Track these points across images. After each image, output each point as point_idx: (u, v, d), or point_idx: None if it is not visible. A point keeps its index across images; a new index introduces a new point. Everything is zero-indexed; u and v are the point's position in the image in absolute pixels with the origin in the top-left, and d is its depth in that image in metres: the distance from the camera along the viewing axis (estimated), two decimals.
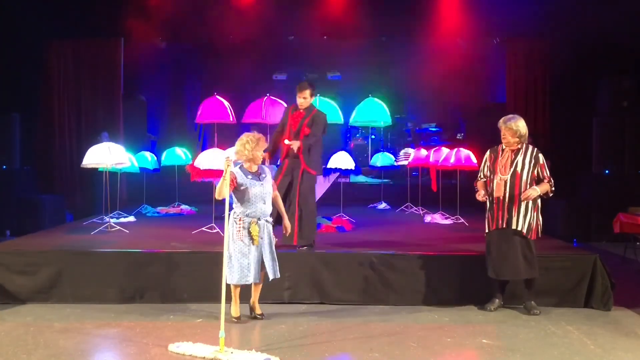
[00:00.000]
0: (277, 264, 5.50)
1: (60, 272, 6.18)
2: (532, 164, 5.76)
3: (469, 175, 10.01)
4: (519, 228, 5.71)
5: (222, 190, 5.12)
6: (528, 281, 5.84)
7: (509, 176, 5.75)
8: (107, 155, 7.76)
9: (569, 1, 10.80)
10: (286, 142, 6.23)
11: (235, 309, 5.53)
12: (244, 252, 5.30)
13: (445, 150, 9.28)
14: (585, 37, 10.65)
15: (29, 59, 11.17)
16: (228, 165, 5.03)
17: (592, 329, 5.42)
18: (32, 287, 6.15)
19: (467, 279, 6.18)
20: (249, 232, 5.28)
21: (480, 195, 5.90)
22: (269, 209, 5.44)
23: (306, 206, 6.53)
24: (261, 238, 5.35)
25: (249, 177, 5.34)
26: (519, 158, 5.78)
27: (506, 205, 5.74)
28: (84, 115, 11.52)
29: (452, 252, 6.45)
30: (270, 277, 5.44)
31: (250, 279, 5.32)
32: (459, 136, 13.88)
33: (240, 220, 5.32)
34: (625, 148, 10.41)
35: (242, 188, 5.30)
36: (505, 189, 5.75)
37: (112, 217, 8.37)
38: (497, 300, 5.95)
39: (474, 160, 8.64)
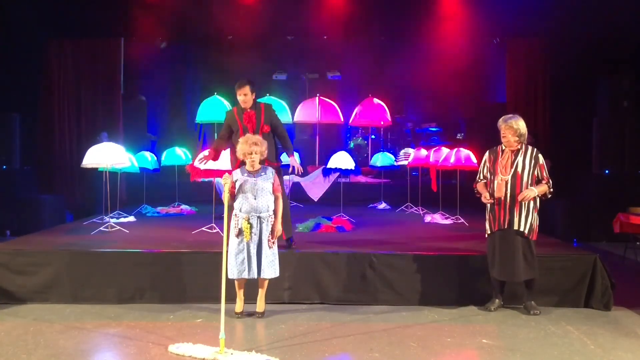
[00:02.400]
0: (272, 263, 5.53)
1: (60, 272, 6.18)
2: (532, 165, 5.76)
3: (469, 175, 10.01)
4: (521, 228, 5.70)
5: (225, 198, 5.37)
6: (528, 281, 5.84)
7: (509, 177, 5.74)
8: (107, 155, 7.76)
9: (569, 1, 10.80)
10: (294, 168, 6.43)
11: (238, 305, 5.65)
12: (240, 247, 5.45)
13: (445, 150, 9.27)
14: (585, 37, 10.65)
15: (29, 59, 11.17)
16: (225, 183, 5.30)
17: (592, 329, 5.42)
18: (32, 287, 6.15)
19: (467, 279, 6.18)
20: (241, 228, 5.43)
21: (487, 198, 5.86)
22: (261, 205, 5.48)
23: (284, 200, 6.54)
24: (254, 234, 5.44)
25: (245, 174, 5.53)
26: (519, 158, 5.77)
27: (507, 205, 5.73)
28: (84, 115, 11.53)
29: (452, 252, 6.44)
30: (258, 276, 5.49)
31: (246, 274, 5.45)
32: (459, 136, 13.88)
33: (235, 216, 5.50)
34: (625, 148, 10.41)
35: (237, 184, 5.50)
36: (506, 190, 5.74)
37: (112, 217, 8.37)
38: (497, 300, 5.95)
39: (474, 160, 8.64)
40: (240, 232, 5.44)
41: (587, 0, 10.60)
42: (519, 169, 5.74)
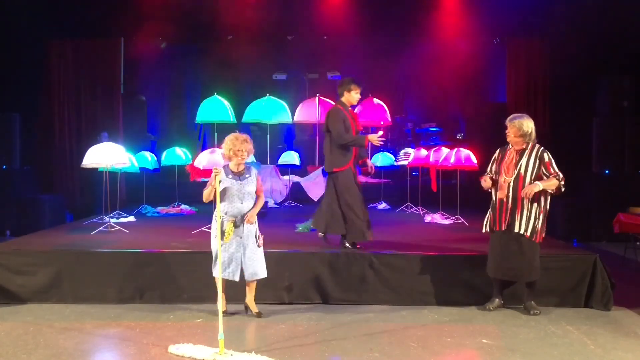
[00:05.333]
0: (260, 265, 5.55)
1: (60, 272, 6.19)
2: (536, 165, 5.66)
3: (469, 175, 10.02)
4: (522, 231, 5.66)
5: (209, 195, 5.45)
6: (529, 282, 5.83)
7: (512, 179, 5.69)
8: (107, 155, 7.76)
9: (569, 1, 10.80)
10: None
11: (221, 303, 5.59)
12: (224, 247, 5.45)
13: (445, 150, 9.27)
14: (585, 37, 10.65)
15: (29, 59, 11.16)
16: (216, 175, 5.26)
17: (592, 329, 5.42)
18: (32, 287, 6.16)
19: (467, 279, 6.18)
20: (224, 230, 5.42)
21: (486, 182, 5.79)
22: (246, 209, 5.49)
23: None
24: (239, 237, 5.45)
25: (230, 176, 5.50)
26: (523, 160, 5.70)
27: (509, 208, 5.69)
28: (84, 115, 11.51)
29: (452, 252, 6.45)
30: (245, 277, 5.51)
31: (227, 274, 5.46)
32: (459, 136, 13.87)
33: (220, 217, 5.48)
34: (625, 148, 10.41)
35: (222, 185, 5.45)
36: (508, 192, 5.71)
37: (112, 217, 8.37)
38: (497, 300, 5.95)
39: (474, 160, 8.64)
40: (222, 234, 5.42)
41: (588, 1, 10.59)
42: (522, 171, 5.68)
